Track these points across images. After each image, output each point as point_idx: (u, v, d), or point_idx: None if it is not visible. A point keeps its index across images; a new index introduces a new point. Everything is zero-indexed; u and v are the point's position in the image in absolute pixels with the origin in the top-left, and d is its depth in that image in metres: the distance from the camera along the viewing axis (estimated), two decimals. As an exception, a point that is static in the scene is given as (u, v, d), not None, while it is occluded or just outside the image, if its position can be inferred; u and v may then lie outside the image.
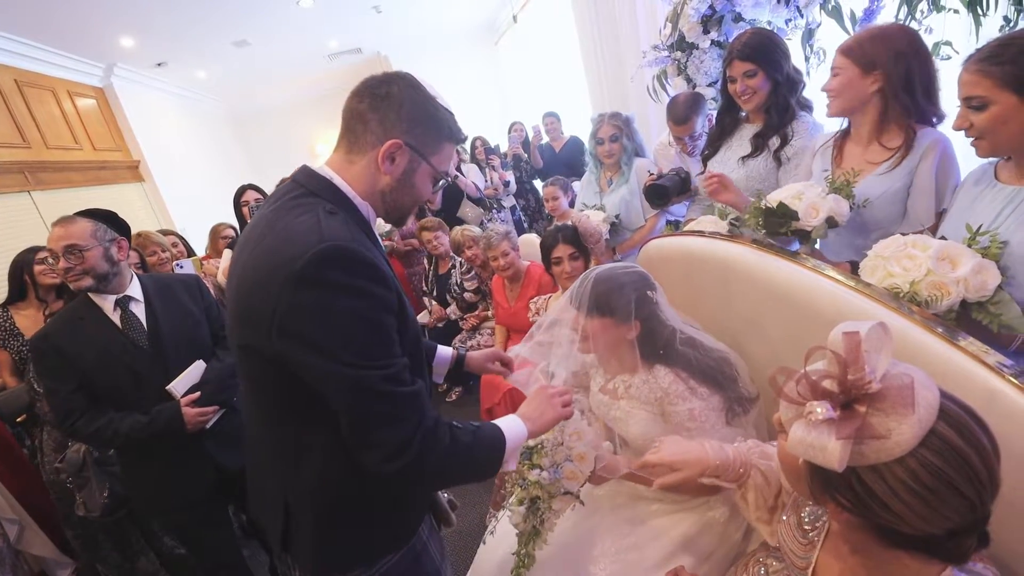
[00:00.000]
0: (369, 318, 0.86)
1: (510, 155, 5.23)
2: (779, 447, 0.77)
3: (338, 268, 0.84)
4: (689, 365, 1.32)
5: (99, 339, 1.62)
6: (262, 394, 1.01)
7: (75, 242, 1.58)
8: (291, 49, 6.56)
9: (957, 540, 0.62)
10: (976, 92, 1.07)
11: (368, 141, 0.95)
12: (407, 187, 1.00)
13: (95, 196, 5.07)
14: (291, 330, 0.84)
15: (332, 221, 0.89)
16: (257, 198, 2.73)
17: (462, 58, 8.04)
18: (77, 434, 1.63)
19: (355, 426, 0.88)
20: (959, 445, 0.60)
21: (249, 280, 0.91)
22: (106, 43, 5.15)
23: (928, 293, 1.03)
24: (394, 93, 0.94)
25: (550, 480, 1.19)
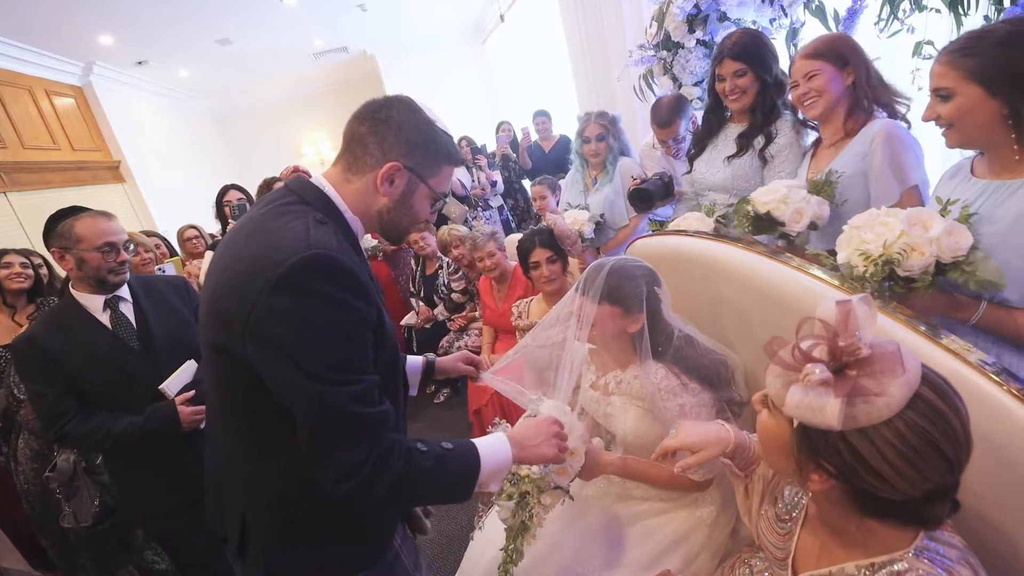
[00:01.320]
0: (346, 331, 0.86)
1: (498, 155, 5.21)
2: (761, 424, 0.78)
3: (321, 277, 0.83)
4: (683, 362, 1.32)
5: (88, 340, 1.60)
6: (229, 398, 0.98)
7: (128, 238, 1.66)
8: (275, 48, 6.49)
9: (933, 504, 0.66)
10: (944, 83, 1.09)
11: (367, 163, 0.96)
12: (405, 208, 1.00)
13: (74, 197, 4.93)
14: (264, 334, 0.83)
15: (321, 230, 0.89)
16: (240, 198, 2.69)
17: (449, 57, 8.01)
18: (67, 438, 1.59)
19: (313, 441, 0.86)
20: (941, 407, 0.63)
21: (228, 280, 0.89)
22: (84, 41, 5.05)
23: (899, 253, 1.04)
24: (394, 117, 0.96)
25: (540, 475, 1.18)
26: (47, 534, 2.18)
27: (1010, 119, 1.05)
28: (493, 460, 0.99)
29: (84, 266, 1.59)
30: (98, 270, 1.59)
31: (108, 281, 1.62)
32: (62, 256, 1.59)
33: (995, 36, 1.04)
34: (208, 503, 1.12)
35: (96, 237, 1.57)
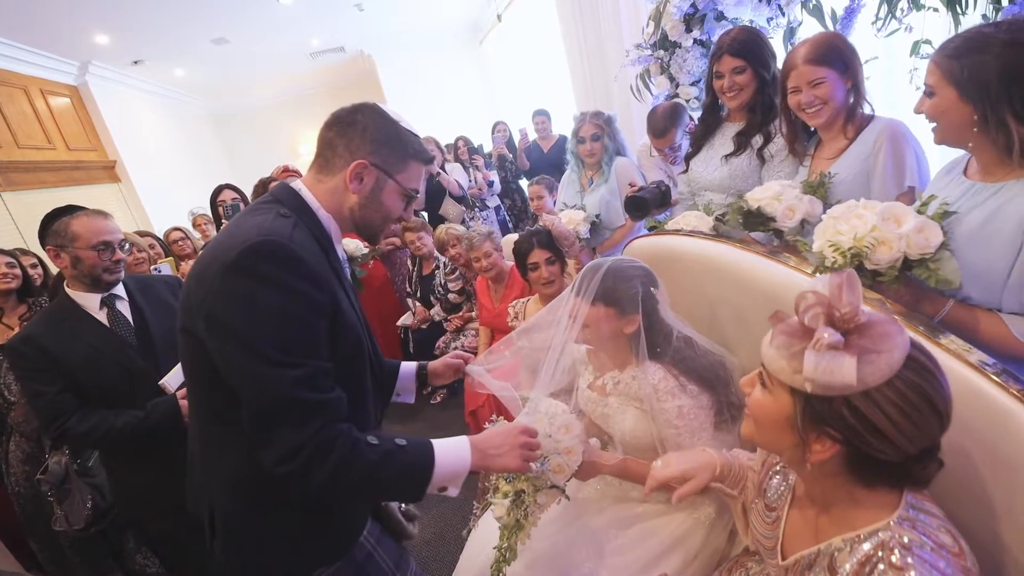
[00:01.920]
0: (292, 314, 0.89)
1: (495, 155, 5.20)
2: (756, 404, 0.81)
3: (269, 261, 0.88)
4: (682, 363, 1.31)
5: (87, 338, 1.61)
6: (195, 382, 1.01)
7: (124, 237, 1.67)
8: (272, 47, 6.47)
9: (925, 463, 0.71)
10: (928, 81, 1.11)
11: (337, 164, 1.02)
12: (375, 204, 1.04)
13: (69, 197, 4.91)
14: (216, 315, 0.88)
15: (280, 222, 0.94)
16: (234, 197, 2.67)
17: (447, 57, 8.00)
18: (68, 434, 1.59)
19: (255, 421, 0.88)
20: (929, 366, 0.69)
21: (195, 268, 0.96)
22: (80, 40, 5.03)
23: (868, 246, 1.06)
24: (359, 120, 1.01)
25: (536, 473, 1.16)
26: (37, 537, 2.16)
27: (976, 126, 1.06)
28: (449, 462, 0.99)
29: (79, 264, 1.59)
30: (93, 268, 1.60)
31: (103, 280, 1.63)
32: (57, 254, 1.60)
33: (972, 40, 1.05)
34: (188, 485, 1.15)
35: (92, 236, 1.58)
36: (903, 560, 0.67)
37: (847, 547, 0.74)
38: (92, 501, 1.86)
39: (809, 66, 1.50)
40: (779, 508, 0.93)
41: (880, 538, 0.71)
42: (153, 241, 3.03)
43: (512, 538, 1.18)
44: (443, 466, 0.98)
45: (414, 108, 7.74)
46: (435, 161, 4.40)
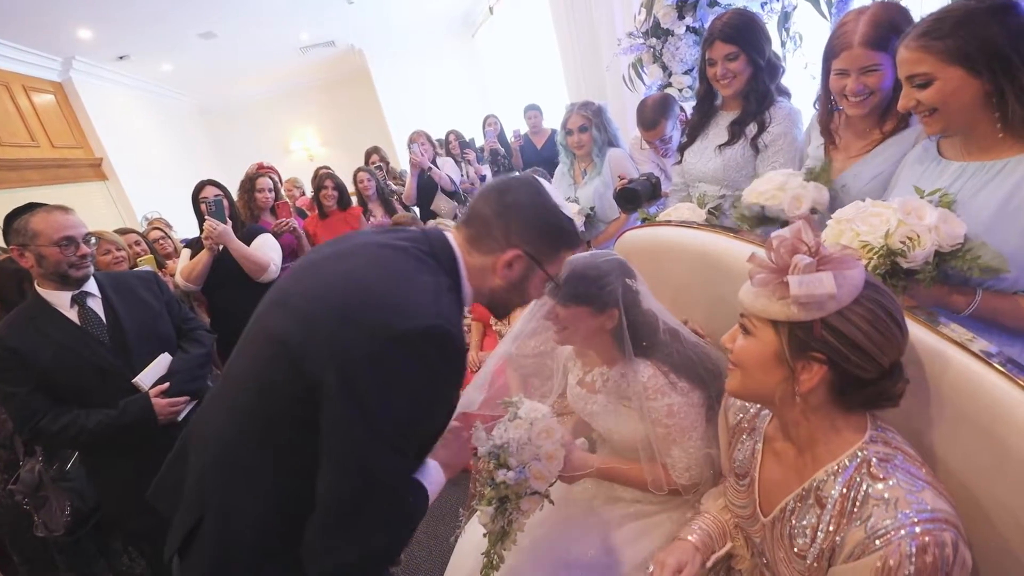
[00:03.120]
0: (430, 408, 0.89)
1: (486, 150, 5.13)
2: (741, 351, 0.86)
3: (438, 350, 0.84)
4: (670, 358, 1.26)
5: (56, 337, 1.59)
6: (261, 400, 0.89)
7: (89, 232, 1.63)
8: (260, 41, 6.38)
9: (895, 378, 0.79)
10: (920, 69, 1.04)
11: (490, 245, 0.99)
12: (518, 291, 1.03)
13: (55, 195, 4.85)
14: (354, 373, 0.80)
15: (448, 300, 0.91)
16: (217, 194, 2.60)
17: (438, 51, 7.92)
18: (41, 435, 1.58)
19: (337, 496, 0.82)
20: (879, 285, 0.80)
21: (338, 298, 0.87)
22: (63, 35, 4.93)
23: (902, 243, 0.99)
24: (520, 202, 0.98)
25: (516, 480, 1.13)
26: (19, 548, 2.10)
27: (994, 97, 1.01)
28: (434, 492, 1.01)
29: (44, 262, 1.56)
30: (58, 265, 1.57)
31: (70, 276, 1.59)
32: (21, 253, 1.57)
33: (959, 14, 1.00)
34: (162, 481, 1.06)
35: (52, 232, 1.54)
36: (884, 471, 0.76)
37: (830, 477, 0.81)
38: (71, 506, 1.83)
39: (866, 50, 1.28)
40: (751, 472, 0.97)
41: (860, 456, 0.79)
42: (138, 238, 2.96)
43: (498, 544, 1.16)
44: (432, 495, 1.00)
45: (405, 102, 7.70)
46: (427, 155, 4.34)
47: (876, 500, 0.74)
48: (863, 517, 0.75)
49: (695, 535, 1.11)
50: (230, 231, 2.55)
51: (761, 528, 0.94)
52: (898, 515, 0.71)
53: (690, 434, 1.23)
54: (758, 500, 0.95)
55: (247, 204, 3.13)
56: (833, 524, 0.79)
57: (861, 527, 0.74)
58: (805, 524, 0.84)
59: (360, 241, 0.99)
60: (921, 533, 0.69)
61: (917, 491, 0.73)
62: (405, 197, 4.47)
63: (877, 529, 0.72)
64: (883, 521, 0.72)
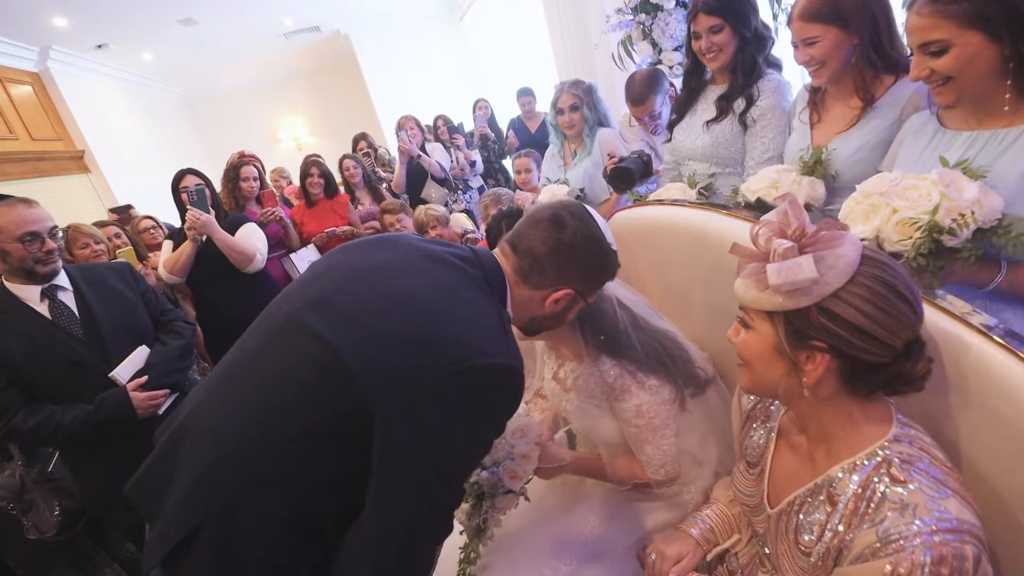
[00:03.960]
0: (483, 445, 0.89)
1: (476, 136, 5.06)
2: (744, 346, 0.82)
3: (503, 391, 0.84)
4: (635, 353, 1.21)
5: (27, 332, 1.54)
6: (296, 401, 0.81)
7: (55, 225, 1.57)
8: (243, 27, 6.24)
9: (914, 359, 0.72)
10: (935, 36, 0.99)
11: (538, 281, 0.98)
12: (558, 319, 1.05)
13: (36, 189, 4.75)
14: (419, 404, 0.77)
15: (512, 337, 0.89)
16: (198, 183, 2.53)
17: (426, 35, 7.78)
18: (15, 433, 1.54)
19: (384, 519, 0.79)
20: (883, 259, 0.74)
21: (406, 324, 0.82)
22: (37, 24, 4.79)
23: (953, 220, 0.91)
24: (576, 244, 0.97)
25: (488, 481, 1.12)
26: (10, 554, 2.07)
27: (1011, 61, 0.96)
28: None
29: (8, 258, 1.51)
30: (23, 261, 1.51)
31: (37, 272, 1.55)
32: None
33: None
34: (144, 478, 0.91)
35: (14, 227, 1.49)
36: (906, 474, 0.70)
37: (845, 474, 0.76)
38: (60, 506, 1.80)
39: (799, 22, 1.36)
40: (762, 461, 0.93)
41: (880, 456, 0.73)
42: (118, 230, 2.89)
43: (474, 541, 1.15)
44: None
45: (393, 88, 7.57)
46: (416, 141, 4.27)
47: (893, 504, 0.69)
48: (876, 520, 0.69)
49: (697, 528, 1.09)
50: (213, 221, 2.49)
51: (766, 519, 0.91)
52: (915, 522, 0.66)
53: (662, 432, 1.19)
54: (767, 491, 0.91)
55: (231, 193, 3.07)
56: (843, 524, 0.74)
57: (872, 530, 0.69)
58: (813, 520, 0.79)
59: (408, 249, 0.94)
60: (940, 543, 0.63)
61: (941, 499, 0.67)
62: (395, 185, 4.40)
63: (890, 534, 0.67)
64: (897, 526, 0.67)
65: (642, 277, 1.58)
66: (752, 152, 1.79)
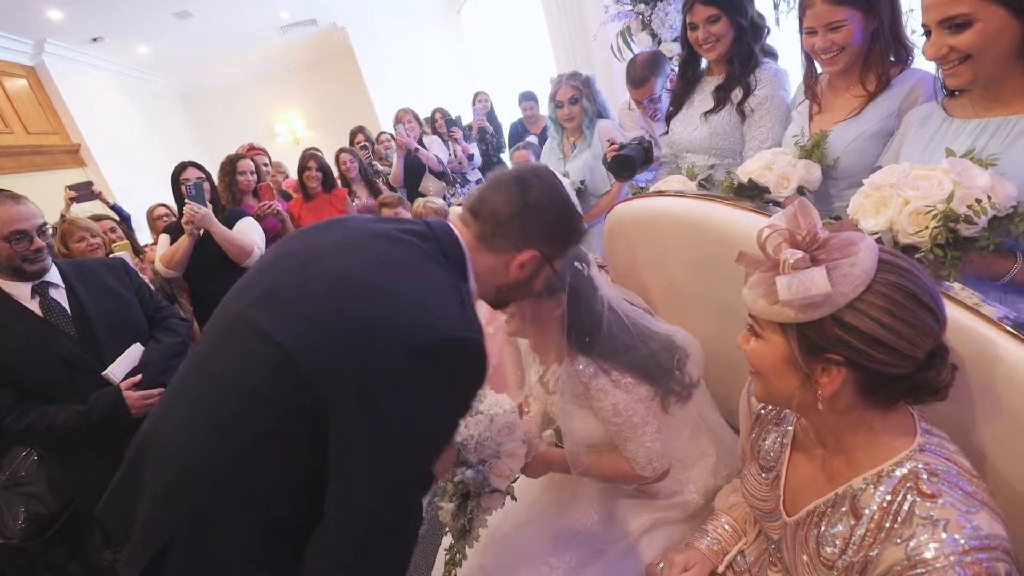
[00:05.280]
0: (451, 420, 0.84)
1: (475, 129, 5.03)
2: (754, 355, 0.78)
3: (465, 365, 0.80)
4: (614, 354, 1.19)
5: (17, 329, 1.50)
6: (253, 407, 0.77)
7: (44, 222, 1.54)
8: (238, 20, 6.18)
9: (937, 368, 0.68)
10: (958, 10, 0.96)
11: (504, 245, 0.93)
12: (526, 288, 1.01)
13: (32, 183, 4.72)
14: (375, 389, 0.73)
15: (472, 309, 0.85)
16: (199, 176, 2.51)
17: (423, 27, 7.73)
18: (5, 434, 1.50)
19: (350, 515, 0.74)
20: (903, 264, 0.69)
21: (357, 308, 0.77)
22: (31, 16, 4.75)
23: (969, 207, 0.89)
24: (542, 204, 0.93)
25: (473, 480, 1.10)
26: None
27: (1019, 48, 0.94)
28: None
29: None
30: (10, 259, 1.47)
31: (25, 270, 1.51)
32: None
33: None
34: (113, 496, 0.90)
35: (1, 226, 1.45)
36: (934, 487, 0.66)
37: (869, 486, 0.73)
38: (26, 512, 1.75)
39: (827, 5, 1.30)
40: (777, 467, 0.90)
41: (907, 468, 0.70)
42: (113, 225, 2.87)
43: (460, 542, 1.13)
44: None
45: (391, 81, 7.53)
46: (413, 135, 4.24)
47: (922, 519, 0.65)
48: (904, 536, 0.66)
49: (703, 542, 1.08)
50: (211, 215, 2.47)
51: (782, 526, 0.88)
52: (946, 539, 0.63)
53: (643, 429, 1.18)
54: (782, 497, 0.88)
55: (228, 187, 3.04)
56: (869, 538, 0.70)
57: (901, 547, 0.66)
58: (836, 533, 0.76)
59: (358, 231, 0.89)
60: (972, 563, 0.61)
61: (972, 513, 0.64)
62: (392, 179, 4.38)
63: (920, 552, 0.64)
64: (928, 544, 0.63)
65: (643, 270, 1.57)
66: (751, 141, 1.78)
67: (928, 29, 1.02)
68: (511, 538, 1.27)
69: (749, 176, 1.36)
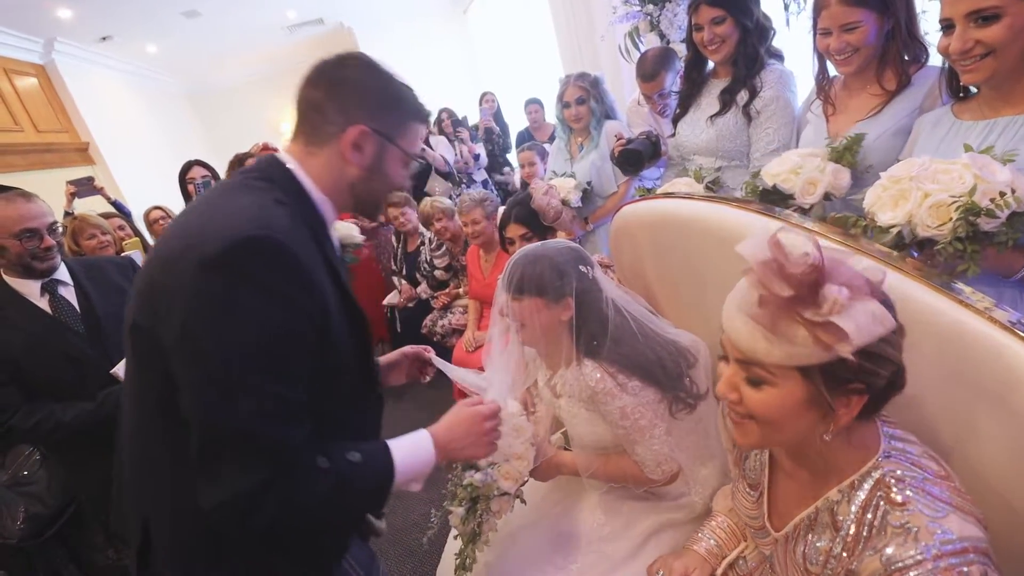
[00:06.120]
0: (276, 327, 0.75)
1: (481, 129, 5.04)
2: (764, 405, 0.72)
3: (259, 260, 0.74)
4: (621, 357, 1.19)
5: (26, 328, 1.52)
6: (141, 391, 0.85)
7: (54, 220, 1.55)
8: (246, 20, 6.20)
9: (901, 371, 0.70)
10: (988, 3, 0.95)
11: (328, 131, 0.87)
12: (379, 176, 0.93)
13: (41, 181, 4.74)
14: (179, 317, 0.73)
15: (278, 210, 0.80)
16: (204, 175, 2.54)
17: (429, 27, 7.74)
18: (14, 432, 1.51)
19: (200, 451, 0.73)
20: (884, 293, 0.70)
21: (161, 253, 0.82)
22: (41, 15, 4.78)
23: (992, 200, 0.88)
24: (350, 76, 0.88)
25: (482, 483, 1.10)
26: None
27: None
28: (411, 467, 0.89)
29: (5, 254, 1.49)
30: (20, 257, 1.49)
31: (35, 268, 1.52)
32: None
33: None
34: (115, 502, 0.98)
35: (12, 224, 1.47)
36: (903, 495, 0.68)
37: (843, 497, 0.74)
38: (25, 512, 1.74)
39: (843, 7, 1.29)
40: (761, 484, 0.91)
41: (874, 478, 0.72)
42: (122, 222, 2.89)
43: (470, 546, 1.13)
44: (404, 472, 0.87)
45: (397, 81, 7.53)
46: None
47: (895, 528, 0.66)
48: (878, 547, 0.67)
49: (702, 544, 1.08)
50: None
51: (772, 542, 0.88)
52: (919, 547, 0.63)
53: (651, 432, 1.18)
54: (767, 513, 0.89)
55: (235, 186, 3.05)
56: (847, 550, 0.71)
57: (876, 557, 0.66)
58: (819, 547, 0.76)
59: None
60: (944, 569, 0.61)
61: (940, 517, 0.65)
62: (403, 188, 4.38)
63: (894, 562, 0.65)
64: (902, 553, 0.64)
65: (649, 272, 1.56)
66: (757, 143, 1.78)
67: (950, 23, 1.01)
68: (517, 539, 1.27)
69: (775, 182, 1.33)
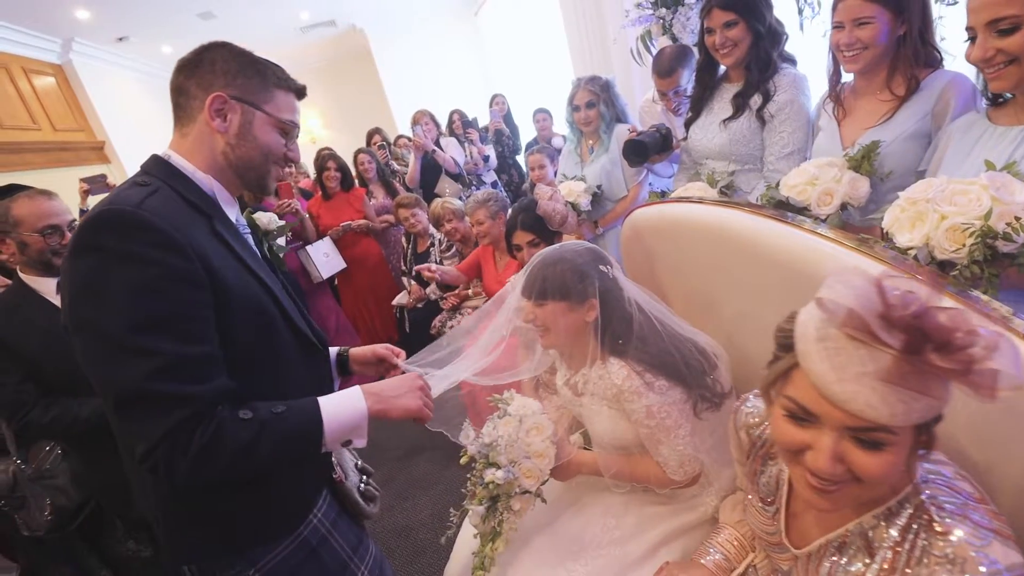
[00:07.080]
0: (147, 288, 0.79)
1: (491, 130, 5.05)
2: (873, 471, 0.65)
3: (110, 232, 0.79)
4: (647, 355, 1.20)
5: (43, 324, 1.53)
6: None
7: (73, 218, 1.59)
8: (260, 21, 6.26)
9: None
10: (1008, 12, 0.95)
11: (193, 107, 0.93)
12: (249, 142, 0.96)
13: (57, 178, 4.82)
14: (67, 303, 0.81)
15: (131, 191, 0.86)
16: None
17: (441, 29, 7.76)
18: (31, 427, 1.53)
19: (113, 416, 0.81)
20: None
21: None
22: (60, 16, 4.85)
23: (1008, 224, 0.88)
24: (208, 57, 0.94)
25: (504, 480, 1.10)
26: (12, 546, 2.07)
27: None
28: (341, 416, 0.92)
29: (27, 250, 1.52)
30: (41, 253, 1.52)
31: (54, 264, 1.55)
32: (2, 240, 1.52)
33: None
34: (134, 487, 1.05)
35: (35, 220, 1.50)
36: (944, 524, 0.66)
37: (879, 522, 0.72)
38: (51, 505, 1.77)
39: (859, 0, 1.30)
40: (777, 500, 0.89)
41: (913, 504, 0.69)
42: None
43: (489, 546, 1.13)
44: (335, 421, 0.91)
45: (408, 82, 7.57)
46: (430, 136, 4.26)
47: (939, 559, 0.64)
48: None
49: (710, 558, 1.06)
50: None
51: (792, 559, 0.87)
52: None
53: (676, 432, 1.18)
54: (784, 530, 0.88)
55: (248, 185, 3.07)
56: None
57: None
58: (852, 571, 0.74)
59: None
60: None
61: (985, 546, 0.63)
62: (408, 179, 4.41)
63: None
64: None
65: (660, 276, 1.56)
66: (771, 148, 1.78)
67: (973, 32, 1.01)
68: (529, 541, 1.27)
69: (789, 194, 1.33)
